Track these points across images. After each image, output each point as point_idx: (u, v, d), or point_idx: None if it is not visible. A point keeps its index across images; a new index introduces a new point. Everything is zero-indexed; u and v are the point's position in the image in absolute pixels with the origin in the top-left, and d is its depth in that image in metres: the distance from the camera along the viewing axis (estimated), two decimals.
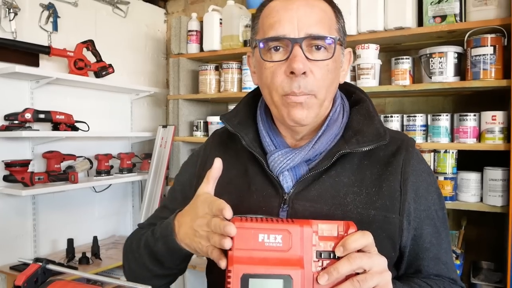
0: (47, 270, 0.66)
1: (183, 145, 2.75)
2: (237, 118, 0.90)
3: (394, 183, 0.80)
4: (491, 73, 1.82)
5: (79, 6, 2.64)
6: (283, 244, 0.62)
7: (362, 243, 0.62)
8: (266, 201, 0.82)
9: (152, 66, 3.23)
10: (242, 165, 0.89)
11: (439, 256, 0.83)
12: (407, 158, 0.82)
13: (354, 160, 0.82)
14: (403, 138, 0.86)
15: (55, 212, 2.55)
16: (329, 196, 0.79)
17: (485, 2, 1.83)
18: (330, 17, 0.81)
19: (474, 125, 1.91)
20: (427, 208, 0.82)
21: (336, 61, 0.80)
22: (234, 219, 0.63)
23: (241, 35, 2.50)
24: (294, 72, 0.74)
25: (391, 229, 0.78)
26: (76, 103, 2.61)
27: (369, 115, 0.85)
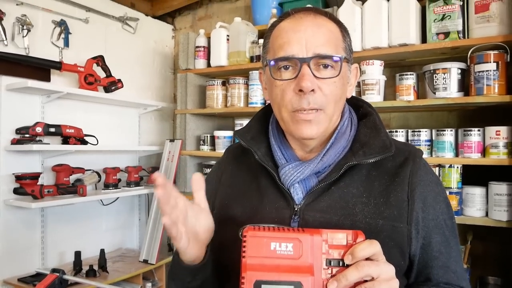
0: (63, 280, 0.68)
1: (190, 159, 2.78)
2: (250, 133, 0.94)
3: (401, 194, 0.82)
4: (494, 89, 1.85)
5: (90, 22, 2.71)
6: (294, 252, 0.65)
7: (370, 252, 0.64)
8: (278, 213, 0.84)
9: (160, 81, 3.29)
10: (255, 179, 0.91)
11: (448, 264, 0.84)
12: (414, 169, 0.84)
13: (363, 171, 0.85)
14: (410, 150, 0.89)
15: (63, 225, 2.58)
16: (338, 206, 0.82)
17: (487, 19, 1.86)
18: (337, 36, 0.84)
19: (478, 140, 1.93)
20: (435, 217, 0.84)
21: (343, 78, 0.83)
22: (248, 228, 0.67)
23: (248, 51, 2.54)
24: (303, 90, 0.78)
25: (399, 238, 0.80)
26: (85, 117, 2.66)
27: (376, 128, 0.88)
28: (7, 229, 2.28)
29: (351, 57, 0.88)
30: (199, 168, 2.83)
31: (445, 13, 1.94)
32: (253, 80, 2.51)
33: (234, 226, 0.79)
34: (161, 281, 2.76)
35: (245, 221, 0.82)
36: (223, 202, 0.91)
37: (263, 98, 2.51)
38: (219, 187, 0.96)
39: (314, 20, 0.82)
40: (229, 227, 0.80)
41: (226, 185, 0.96)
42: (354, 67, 0.91)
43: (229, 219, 0.83)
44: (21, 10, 2.33)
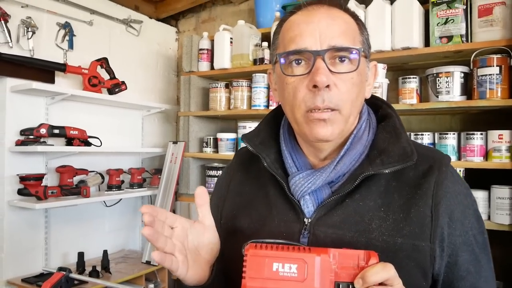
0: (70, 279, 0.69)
1: (193, 161, 2.79)
2: (259, 138, 0.86)
3: (424, 208, 0.73)
4: (497, 93, 1.85)
5: (94, 25, 2.72)
6: (298, 274, 0.59)
7: (383, 277, 0.58)
8: (287, 227, 0.77)
9: (163, 83, 3.30)
10: (263, 187, 0.84)
11: (478, 285, 0.75)
12: (440, 179, 0.74)
13: (381, 181, 0.76)
14: (435, 156, 0.78)
15: (66, 226, 2.59)
16: (352, 222, 0.74)
17: (490, 23, 1.87)
18: (354, 28, 0.76)
19: (481, 144, 1.93)
20: (463, 233, 0.74)
21: (361, 74, 0.75)
22: (250, 246, 0.62)
23: (251, 54, 2.56)
24: (317, 86, 0.70)
25: (420, 257, 0.71)
26: (89, 119, 2.67)
27: (396, 132, 0.79)
28: (11, 230, 2.29)
29: (369, 53, 0.80)
30: (202, 170, 2.84)
31: (448, 17, 1.94)
32: (256, 82, 2.52)
33: (241, 239, 0.73)
34: (163, 282, 2.76)
35: (252, 234, 0.78)
36: (231, 212, 0.85)
37: (266, 101, 2.51)
38: (228, 194, 0.90)
39: (328, 12, 0.74)
40: (236, 239, 0.74)
41: (234, 193, 0.89)
42: (373, 64, 0.83)
43: (236, 231, 0.77)
44: (26, 12, 2.34)
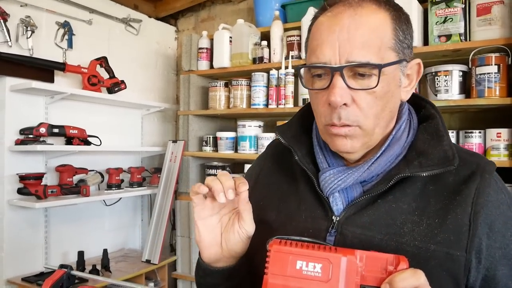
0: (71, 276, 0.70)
1: (192, 159, 2.79)
2: (291, 131, 0.84)
3: (462, 215, 0.69)
4: (495, 91, 1.86)
5: (93, 24, 2.73)
6: (322, 274, 0.57)
7: (411, 283, 0.55)
8: (314, 223, 0.76)
9: (162, 82, 3.30)
10: (294, 181, 0.83)
11: None
12: (482, 187, 0.70)
13: (417, 184, 0.72)
14: (479, 162, 0.74)
15: (66, 225, 2.59)
16: (383, 223, 0.71)
17: (489, 22, 1.88)
18: (382, 34, 0.69)
19: (479, 142, 1.94)
20: (504, 246, 0.70)
21: (388, 84, 0.70)
22: (274, 242, 0.61)
23: (251, 53, 2.56)
24: (332, 105, 0.69)
25: (454, 267, 0.67)
26: (88, 118, 2.68)
27: (438, 134, 0.74)
28: (11, 229, 2.30)
29: (407, 53, 0.73)
30: (201, 169, 2.85)
31: (447, 15, 1.95)
32: (256, 81, 2.52)
33: (266, 231, 0.73)
34: (163, 281, 2.77)
35: (278, 227, 0.78)
36: (258, 203, 0.81)
37: (265, 100, 2.52)
38: (256, 184, 0.88)
39: (353, 17, 0.68)
40: (262, 231, 0.73)
41: (263, 183, 0.88)
42: (415, 63, 0.76)
43: (262, 223, 0.75)
44: (25, 11, 2.34)
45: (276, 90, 2.45)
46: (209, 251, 0.72)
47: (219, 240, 0.72)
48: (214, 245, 0.72)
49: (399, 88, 0.73)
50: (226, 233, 0.72)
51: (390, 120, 0.75)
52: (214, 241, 0.72)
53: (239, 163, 2.74)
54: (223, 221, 0.73)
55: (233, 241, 0.71)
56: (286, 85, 2.41)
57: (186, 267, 2.76)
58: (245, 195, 0.68)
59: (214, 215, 0.72)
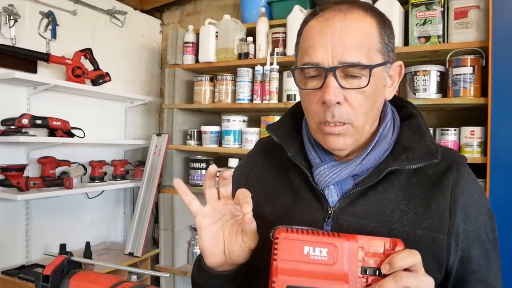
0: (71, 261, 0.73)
1: (176, 153, 2.81)
2: (283, 129, 0.88)
3: (443, 203, 0.77)
4: (470, 91, 1.95)
5: (78, 14, 2.71)
6: (328, 258, 0.61)
7: (409, 262, 0.60)
8: (310, 214, 0.80)
9: (147, 75, 3.30)
10: (286, 177, 0.87)
11: (488, 279, 0.79)
12: (458, 178, 0.78)
13: (402, 176, 0.79)
14: (454, 156, 0.82)
15: (47, 218, 2.58)
16: (375, 212, 0.77)
17: (465, 25, 1.96)
18: (370, 37, 0.74)
19: (454, 139, 2.03)
20: (476, 229, 0.78)
21: (376, 84, 0.76)
22: (280, 230, 0.63)
23: (236, 48, 2.59)
24: (326, 103, 0.73)
25: (438, 250, 0.75)
26: (71, 109, 2.66)
27: (421, 131, 0.81)
28: None
29: (391, 56, 0.79)
30: (185, 163, 2.87)
31: (427, 18, 2.03)
32: (241, 77, 2.56)
33: (262, 225, 0.76)
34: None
35: (274, 220, 0.80)
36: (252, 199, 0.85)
37: (250, 95, 2.56)
38: (248, 182, 0.92)
39: (344, 21, 0.73)
40: (258, 226, 0.75)
41: (255, 180, 0.91)
42: (397, 65, 0.82)
43: (257, 218, 0.77)
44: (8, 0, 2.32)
45: (261, 86, 2.49)
46: (212, 259, 0.75)
47: (222, 248, 0.75)
48: (217, 254, 0.75)
49: (384, 88, 0.80)
50: (230, 244, 0.74)
51: (376, 119, 0.81)
52: (218, 249, 0.74)
53: (223, 157, 2.78)
54: (225, 228, 0.75)
55: (236, 253, 0.74)
56: (271, 81, 2.45)
57: (169, 260, 2.79)
58: (249, 216, 0.69)
59: (215, 223, 0.74)
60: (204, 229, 0.73)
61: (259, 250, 0.74)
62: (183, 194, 0.73)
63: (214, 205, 0.74)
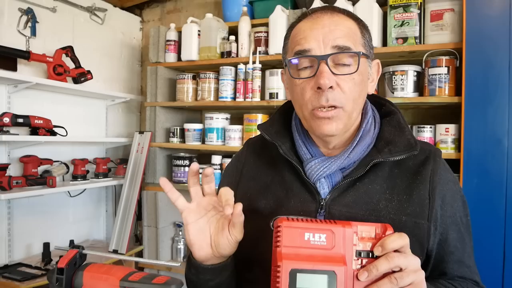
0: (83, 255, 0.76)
1: (159, 150, 2.83)
2: (274, 128, 0.94)
3: (423, 191, 0.84)
4: (445, 91, 2.05)
5: (58, 12, 2.68)
6: (327, 243, 0.67)
7: (399, 244, 0.66)
8: (303, 206, 0.85)
9: (127, 73, 3.29)
10: (278, 172, 0.92)
11: (463, 259, 0.87)
12: (435, 168, 0.86)
13: (385, 168, 0.86)
14: (430, 149, 0.90)
15: (30, 217, 2.55)
16: (363, 202, 0.83)
17: (441, 27, 2.06)
18: (355, 32, 0.83)
19: (430, 136, 2.13)
20: (452, 214, 0.86)
21: (362, 74, 0.83)
22: (282, 219, 0.68)
23: (219, 47, 2.63)
24: (321, 88, 0.79)
25: (420, 234, 0.82)
26: (52, 108, 2.64)
27: (400, 126, 0.89)
28: None
29: (371, 53, 0.88)
30: (168, 160, 2.89)
31: (404, 20, 2.12)
32: (224, 75, 2.59)
33: (257, 218, 0.81)
34: None
35: (269, 213, 0.85)
36: (245, 195, 0.91)
37: (233, 93, 2.60)
38: (241, 179, 0.97)
39: (331, 19, 0.82)
40: (253, 219, 0.80)
41: (248, 177, 0.97)
42: (376, 63, 0.91)
43: (252, 212, 0.82)
44: None
45: (243, 84, 2.54)
46: (200, 253, 0.78)
47: (209, 241, 0.78)
48: (205, 247, 0.78)
49: (367, 81, 0.88)
50: (216, 237, 0.78)
51: (360, 110, 0.88)
52: (205, 243, 0.78)
53: (206, 154, 2.81)
54: (211, 222, 0.78)
55: (222, 246, 0.77)
56: (253, 79, 2.50)
57: (152, 256, 2.81)
58: (239, 209, 0.74)
59: (201, 218, 0.78)
60: (191, 224, 0.77)
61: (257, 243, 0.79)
62: (169, 192, 0.77)
63: (199, 202, 0.77)
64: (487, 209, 1.85)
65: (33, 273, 2.19)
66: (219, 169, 2.64)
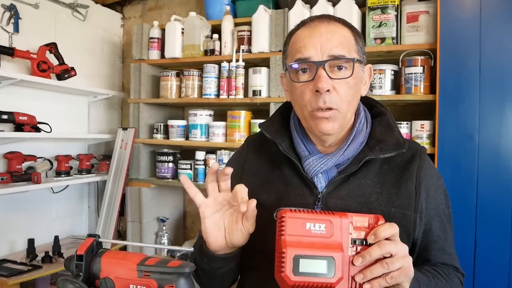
0: (99, 242, 0.81)
1: (143, 146, 2.85)
2: (274, 126, 1.01)
3: (410, 186, 0.92)
4: (420, 89, 2.16)
5: (40, 8, 2.67)
6: (326, 232, 0.74)
7: (390, 233, 0.73)
8: (302, 199, 0.93)
9: (108, 69, 3.29)
10: (278, 168, 0.99)
11: (445, 247, 0.95)
12: (421, 164, 0.94)
13: (376, 165, 0.94)
14: (417, 147, 0.98)
15: (13, 213, 2.55)
16: (356, 195, 0.91)
17: (416, 29, 2.17)
18: (349, 40, 0.91)
19: (406, 132, 2.25)
20: (436, 206, 0.94)
21: (356, 78, 0.90)
22: (284, 210, 0.75)
23: (202, 45, 2.67)
24: (319, 91, 0.86)
25: (407, 224, 0.90)
26: (35, 104, 2.63)
27: (390, 126, 0.97)
28: None
29: (365, 59, 0.96)
30: (152, 156, 2.92)
31: (382, 21, 2.22)
32: (207, 72, 2.64)
33: (259, 210, 0.85)
34: None
35: (270, 206, 0.91)
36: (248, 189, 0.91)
37: (216, 90, 2.65)
38: (243, 174, 1.04)
39: (327, 27, 0.90)
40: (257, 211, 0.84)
41: (249, 173, 1.03)
42: (368, 67, 0.99)
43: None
44: None
45: (227, 82, 2.60)
46: (215, 244, 0.85)
47: (224, 233, 0.85)
48: (219, 239, 0.85)
49: (361, 85, 0.96)
50: (231, 229, 0.84)
51: (354, 111, 0.96)
52: (220, 235, 0.85)
53: (190, 150, 2.86)
54: (226, 216, 0.85)
55: (236, 237, 0.84)
56: (237, 77, 2.56)
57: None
58: (253, 205, 0.80)
59: (217, 212, 0.85)
60: (207, 218, 0.84)
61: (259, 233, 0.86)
62: (188, 188, 0.84)
63: (215, 197, 0.85)
64: (459, 201, 1.96)
65: (19, 269, 2.20)
66: (203, 165, 2.69)
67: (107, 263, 0.77)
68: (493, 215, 1.93)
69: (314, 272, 0.72)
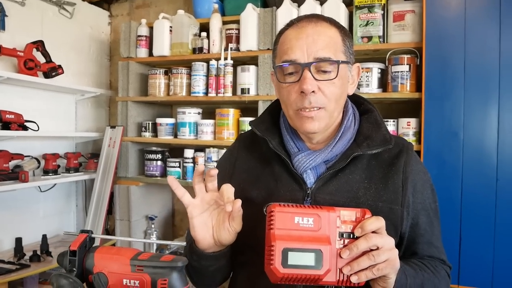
0: (92, 238, 0.82)
1: (131, 145, 2.85)
2: (264, 124, 1.03)
3: (397, 181, 0.94)
4: (406, 87, 2.20)
5: (26, 5, 2.64)
6: (314, 225, 0.76)
7: (376, 226, 0.75)
8: (292, 195, 0.94)
9: (96, 67, 3.27)
10: (268, 165, 1.01)
11: (432, 241, 0.97)
12: (408, 160, 0.96)
13: (364, 161, 0.96)
14: (403, 143, 1.00)
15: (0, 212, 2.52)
16: (344, 190, 0.93)
17: (402, 28, 2.21)
18: (336, 41, 0.92)
19: (393, 129, 2.28)
20: (422, 201, 0.96)
21: (342, 78, 0.92)
22: (274, 205, 0.77)
23: (190, 43, 2.67)
24: (304, 92, 0.88)
25: (394, 218, 0.92)
26: (22, 102, 2.60)
27: (377, 123, 0.99)
28: None
29: (352, 58, 0.96)
30: (140, 154, 2.92)
31: (369, 19, 2.25)
32: (196, 71, 2.65)
33: (251, 207, 0.88)
34: None
35: (261, 202, 0.92)
36: (239, 186, 0.95)
37: (205, 88, 2.66)
38: (234, 171, 1.05)
39: (315, 28, 0.91)
40: (246, 208, 0.86)
41: (241, 170, 1.05)
42: (356, 66, 1.00)
43: (245, 201, 0.87)
44: None
45: (215, 80, 2.60)
46: (203, 242, 0.87)
47: (211, 233, 0.86)
48: (207, 238, 0.86)
49: (347, 84, 0.97)
50: (218, 229, 0.86)
51: (341, 110, 0.97)
52: (208, 234, 0.86)
53: (178, 148, 2.86)
54: (213, 216, 0.87)
55: (223, 236, 0.86)
56: (225, 75, 2.57)
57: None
58: (238, 205, 0.81)
59: (204, 212, 0.86)
60: (195, 217, 0.85)
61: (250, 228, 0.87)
62: (176, 189, 0.85)
63: (202, 197, 0.85)
64: (445, 197, 2.01)
65: (7, 268, 2.18)
66: (192, 163, 2.70)
67: (100, 258, 0.78)
68: (477, 210, 1.98)
69: (302, 265, 0.73)
